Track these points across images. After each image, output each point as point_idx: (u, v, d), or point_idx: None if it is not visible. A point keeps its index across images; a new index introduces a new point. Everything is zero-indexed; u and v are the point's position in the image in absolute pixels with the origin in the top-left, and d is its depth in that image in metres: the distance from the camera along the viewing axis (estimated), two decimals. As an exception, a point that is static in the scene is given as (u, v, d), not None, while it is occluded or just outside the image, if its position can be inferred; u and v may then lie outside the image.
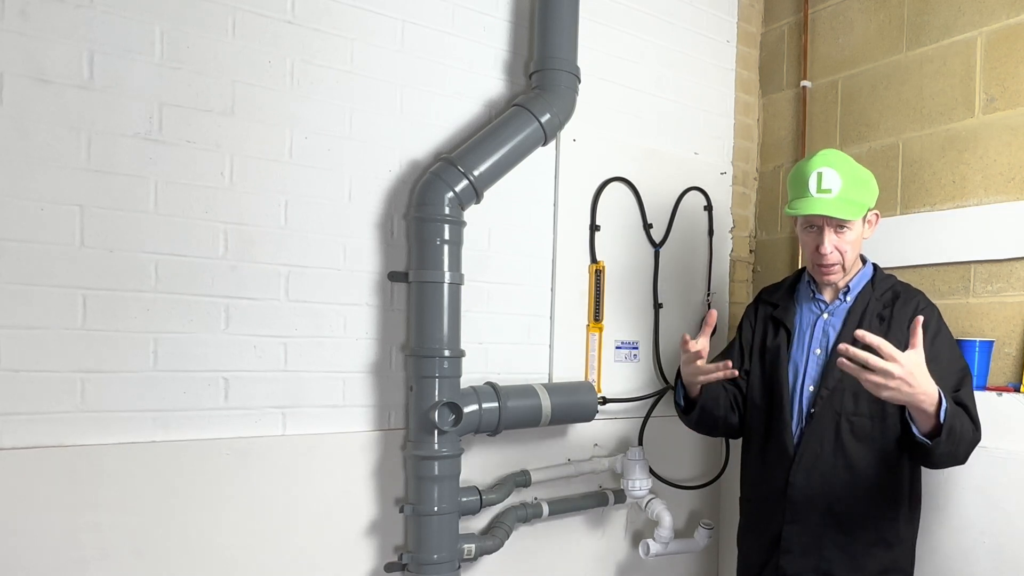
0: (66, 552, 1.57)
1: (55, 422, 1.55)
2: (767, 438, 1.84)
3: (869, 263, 1.85)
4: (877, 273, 1.83)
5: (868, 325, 1.71)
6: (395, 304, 1.96)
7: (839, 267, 1.75)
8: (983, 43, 2.12)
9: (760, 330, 1.93)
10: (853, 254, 1.77)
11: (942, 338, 1.71)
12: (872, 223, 1.80)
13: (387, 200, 1.94)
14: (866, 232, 1.79)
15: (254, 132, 1.75)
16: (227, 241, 1.73)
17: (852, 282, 1.81)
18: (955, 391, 1.64)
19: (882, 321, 1.74)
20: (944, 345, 1.70)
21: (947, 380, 1.62)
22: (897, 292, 1.78)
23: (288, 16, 1.79)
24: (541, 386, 2.08)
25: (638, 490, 2.24)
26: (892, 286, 1.80)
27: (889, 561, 1.73)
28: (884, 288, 1.79)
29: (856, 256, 1.79)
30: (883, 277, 1.82)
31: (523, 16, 2.16)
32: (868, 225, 1.79)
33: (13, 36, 1.49)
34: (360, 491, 1.93)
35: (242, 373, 1.76)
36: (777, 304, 1.91)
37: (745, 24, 2.71)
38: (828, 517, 1.74)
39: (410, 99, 1.97)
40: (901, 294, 1.77)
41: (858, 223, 1.75)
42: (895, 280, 1.83)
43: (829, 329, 1.80)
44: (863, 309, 1.76)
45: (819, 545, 1.74)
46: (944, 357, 1.67)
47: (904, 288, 1.80)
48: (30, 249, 1.52)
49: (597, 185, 2.31)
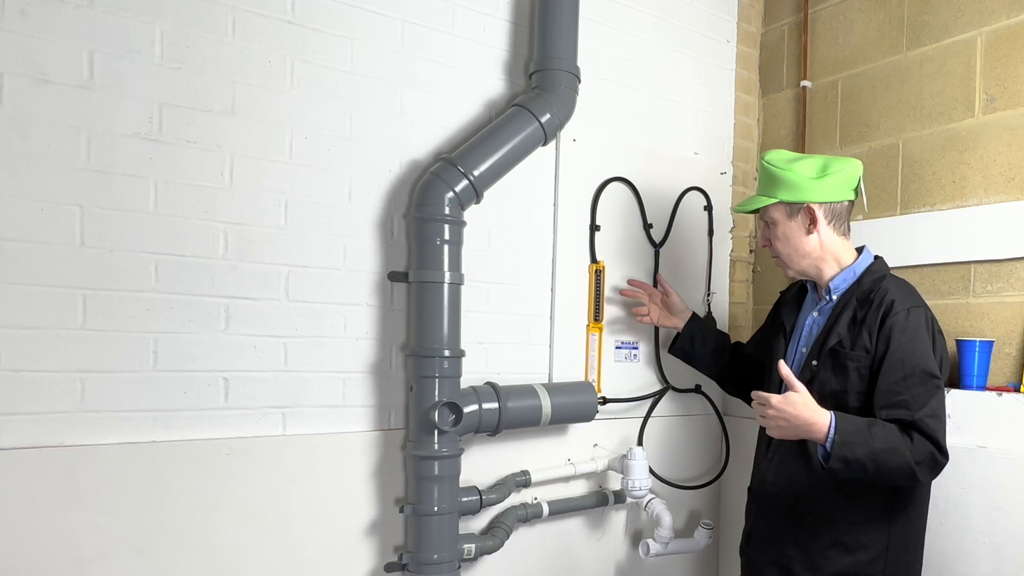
0: (66, 552, 1.57)
1: (55, 422, 1.55)
2: (761, 432, 1.91)
3: (863, 259, 1.79)
4: (869, 268, 1.77)
5: (844, 326, 1.71)
6: (395, 304, 1.96)
7: (779, 260, 1.84)
8: (983, 43, 2.12)
9: (774, 322, 2.00)
10: (787, 248, 1.79)
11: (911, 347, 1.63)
12: (808, 217, 1.74)
13: (387, 200, 1.94)
14: (796, 229, 1.75)
15: (254, 132, 1.75)
16: (227, 241, 1.73)
17: (835, 281, 1.78)
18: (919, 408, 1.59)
19: (855, 323, 1.71)
20: (910, 354, 1.62)
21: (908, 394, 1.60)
22: (874, 291, 1.71)
23: (288, 16, 1.79)
24: (541, 386, 2.08)
25: (638, 490, 2.24)
26: (872, 284, 1.73)
27: (848, 567, 1.70)
28: (867, 286, 1.73)
29: (796, 251, 1.77)
30: (873, 273, 1.75)
31: (523, 16, 2.16)
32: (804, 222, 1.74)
33: (13, 36, 1.49)
34: (360, 491, 1.93)
35: (242, 373, 1.76)
36: (787, 302, 1.97)
37: (745, 24, 2.71)
38: (791, 514, 1.78)
39: (410, 99, 1.97)
40: (876, 294, 1.70)
41: (779, 217, 1.78)
42: (882, 276, 1.75)
43: (815, 328, 1.83)
44: (841, 310, 1.74)
45: (781, 540, 1.79)
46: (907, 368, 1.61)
47: (885, 287, 1.71)
48: (30, 249, 1.52)
49: (597, 185, 2.31)
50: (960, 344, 2.01)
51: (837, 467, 1.56)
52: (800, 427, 1.59)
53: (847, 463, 1.56)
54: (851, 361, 1.69)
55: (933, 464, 1.61)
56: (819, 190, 1.74)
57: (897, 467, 1.57)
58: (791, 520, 1.78)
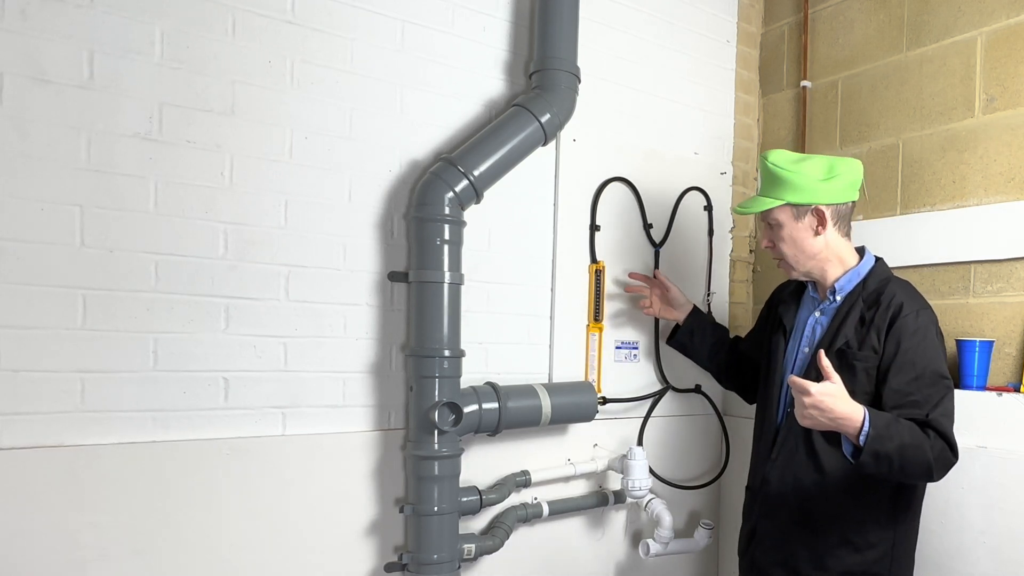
0: (66, 552, 1.56)
1: (55, 422, 1.55)
2: (760, 432, 1.91)
3: (867, 260, 1.80)
4: (874, 270, 1.79)
5: (851, 327, 1.72)
6: (395, 304, 1.96)
7: (783, 262, 1.82)
8: (983, 43, 2.12)
9: (770, 321, 2.00)
10: (793, 249, 1.77)
11: (922, 348, 1.65)
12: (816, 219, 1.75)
13: (387, 200, 1.94)
14: (803, 230, 1.75)
15: (254, 132, 1.75)
16: (227, 241, 1.73)
17: (840, 282, 1.79)
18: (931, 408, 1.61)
19: (863, 324, 1.72)
20: (921, 355, 1.65)
21: (920, 394, 1.61)
22: (881, 293, 1.72)
23: (288, 16, 1.79)
24: (541, 386, 2.08)
25: (638, 490, 2.24)
26: (879, 286, 1.74)
27: (856, 565, 1.72)
28: (872, 288, 1.74)
29: (802, 253, 1.77)
30: (878, 275, 1.77)
31: (523, 16, 2.15)
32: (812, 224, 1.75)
33: (13, 36, 1.48)
34: (360, 491, 1.93)
35: (242, 373, 1.76)
36: (784, 300, 1.96)
37: (745, 24, 2.71)
38: (798, 514, 1.78)
39: (410, 99, 1.97)
40: (884, 296, 1.71)
41: (784, 218, 1.76)
42: (887, 279, 1.77)
43: (818, 328, 1.83)
44: (848, 310, 1.75)
45: (787, 541, 1.79)
46: (918, 368, 1.63)
47: (892, 289, 1.73)
48: (30, 249, 1.52)
49: (597, 185, 2.31)
50: (960, 344, 2.01)
51: (867, 461, 1.53)
52: (835, 419, 1.52)
53: (877, 457, 1.53)
54: (859, 362, 1.69)
55: (946, 463, 1.61)
56: (827, 192, 1.74)
57: (918, 463, 1.57)
58: (798, 521, 1.77)
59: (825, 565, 1.74)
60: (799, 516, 1.77)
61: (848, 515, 1.73)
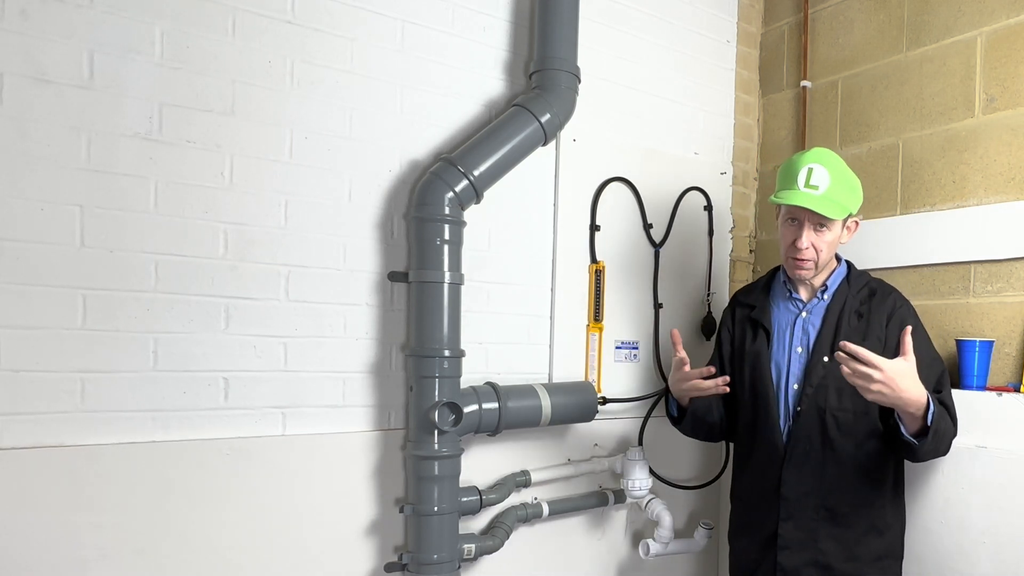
0: (66, 552, 1.57)
1: (55, 422, 1.55)
2: (756, 438, 1.88)
3: (844, 262, 1.90)
4: (852, 271, 1.89)
5: (847, 322, 1.78)
6: (395, 304, 1.96)
7: (812, 264, 1.79)
8: (983, 43, 2.12)
9: (739, 333, 1.97)
10: (828, 254, 1.81)
11: (919, 336, 1.72)
12: (851, 230, 1.84)
13: (387, 200, 1.94)
14: (844, 237, 1.83)
15: (254, 132, 1.75)
16: (227, 241, 1.73)
17: (829, 280, 1.86)
18: (936, 391, 1.69)
19: (860, 318, 1.80)
20: (921, 343, 1.72)
21: (927, 379, 1.67)
22: (873, 289, 1.84)
23: (288, 16, 1.79)
24: (541, 386, 2.08)
25: (638, 490, 2.24)
26: (867, 283, 1.85)
27: (882, 548, 1.80)
28: (860, 285, 1.84)
29: (830, 257, 1.84)
30: (858, 274, 1.87)
31: (523, 16, 2.16)
32: (847, 231, 1.83)
33: (13, 36, 1.49)
34: (360, 491, 1.93)
35: (242, 373, 1.76)
36: (754, 305, 1.94)
37: (745, 24, 2.71)
38: (821, 511, 1.78)
39: (410, 99, 1.97)
40: (877, 291, 1.83)
41: (837, 225, 1.79)
42: (869, 277, 1.89)
43: (809, 327, 1.84)
44: (841, 307, 1.81)
45: (815, 539, 1.79)
46: (923, 356, 1.68)
47: (879, 285, 1.85)
48: (30, 249, 1.52)
49: (597, 185, 2.31)
50: (960, 344, 2.01)
51: (928, 440, 1.60)
52: (901, 398, 1.55)
53: (937, 435, 1.61)
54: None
55: (952, 439, 1.71)
56: (860, 200, 1.83)
57: (950, 438, 1.69)
58: (824, 517, 1.78)
59: (855, 554, 1.77)
60: (824, 512, 1.78)
61: (868, 501, 1.78)
